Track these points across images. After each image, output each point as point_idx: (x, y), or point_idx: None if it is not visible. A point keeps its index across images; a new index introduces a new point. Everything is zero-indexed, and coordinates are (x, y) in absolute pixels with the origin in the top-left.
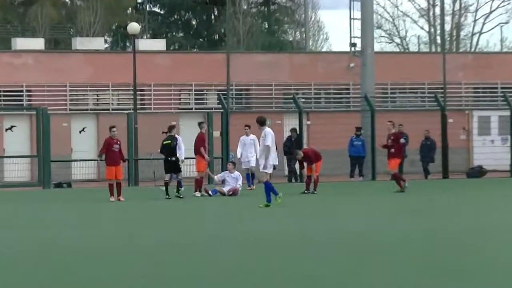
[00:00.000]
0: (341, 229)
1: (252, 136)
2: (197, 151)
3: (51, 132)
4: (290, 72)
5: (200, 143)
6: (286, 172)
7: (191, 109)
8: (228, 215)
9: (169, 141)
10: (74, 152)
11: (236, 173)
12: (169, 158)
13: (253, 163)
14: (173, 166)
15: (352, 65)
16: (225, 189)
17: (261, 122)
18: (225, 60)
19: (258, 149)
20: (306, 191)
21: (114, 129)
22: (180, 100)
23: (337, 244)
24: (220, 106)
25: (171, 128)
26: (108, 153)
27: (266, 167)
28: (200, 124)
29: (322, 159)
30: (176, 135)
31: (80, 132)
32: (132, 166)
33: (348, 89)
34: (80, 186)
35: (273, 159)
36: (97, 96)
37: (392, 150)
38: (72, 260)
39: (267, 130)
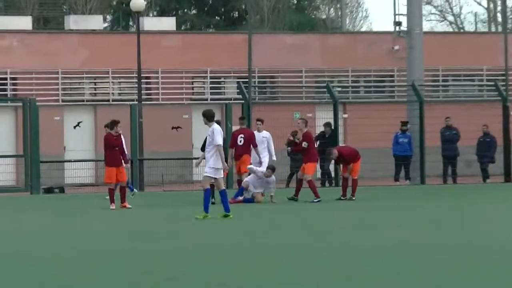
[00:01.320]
0: (386, 244)
1: (265, 134)
2: (245, 150)
3: (40, 128)
4: (323, 56)
5: (252, 141)
6: (319, 175)
7: (206, 100)
8: (258, 225)
9: None
10: (68, 151)
11: (272, 178)
12: None
13: (263, 166)
14: None
15: (396, 47)
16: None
17: (209, 117)
18: (246, 42)
19: (272, 149)
20: (342, 197)
21: (119, 125)
22: (192, 89)
23: (388, 260)
24: (240, 96)
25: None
26: (108, 152)
27: (209, 171)
28: (242, 119)
29: (361, 159)
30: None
31: (74, 127)
32: (136, 167)
33: (392, 76)
34: (75, 191)
35: (264, 163)
36: (95, 84)
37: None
38: (58, 282)
39: (216, 127)
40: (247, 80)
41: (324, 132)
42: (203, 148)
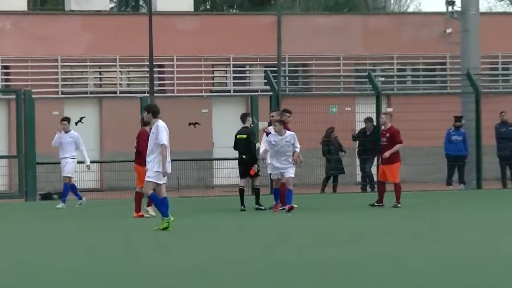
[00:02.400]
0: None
1: (289, 137)
2: None
3: (37, 124)
4: (364, 41)
5: None
6: (359, 178)
7: (229, 91)
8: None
9: (245, 135)
10: None
11: (288, 133)
12: (243, 156)
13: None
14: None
15: (449, 31)
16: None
17: (154, 112)
18: (274, 25)
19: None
20: (377, 203)
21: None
22: (213, 79)
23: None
24: (267, 87)
25: (243, 117)
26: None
27: (153, 175)
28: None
29: (408, 161)
30: (72, 130)
31: (76, 123)
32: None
33: (444, 63)
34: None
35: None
36: (100, 74)
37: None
38: None
39: (160, 124)
40: (275, 69)
41: (365, 128)
42: (235, 147)
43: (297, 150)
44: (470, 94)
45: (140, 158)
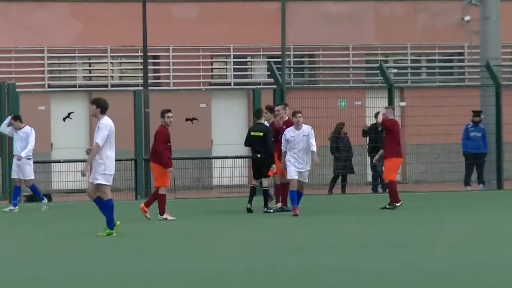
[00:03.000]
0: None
1: (305, 129)
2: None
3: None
4: (376, 29)
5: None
6: (370, 178)
7: (229, 84)
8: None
9: (261, 133)
10: (56, 150)
11: (305, 127)
12: (258, 155)
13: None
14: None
15: (467, 18)
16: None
17: (103, 108)
18: (278, 12)
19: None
20: (389, 206)
21: (169, 114)
22: (212, 71)
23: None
24: (271, 79)
25: (257, 112)
26: (166, 150)
27: (97, 177)
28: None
29: (423, 159)
30: (28, 126)
31: (64, 119)
32: (141, 169)
33: (461, 54)
34: (65, 199)
35: None
36: (89, 66)
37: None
38: None
39: (104, 122)
40: (280, 60)
41: (376, 124)
42: (247, 143)
43: (314, 149)
44: (490, 86)
45: (157, 156)
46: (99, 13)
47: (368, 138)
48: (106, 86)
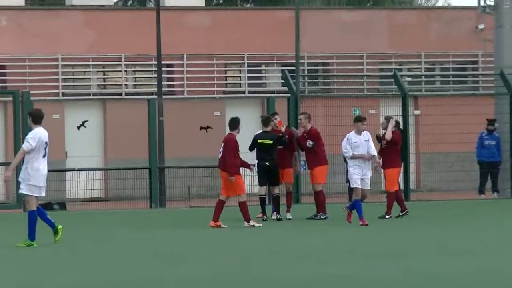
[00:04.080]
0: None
1: (366, 134)
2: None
3: None
4: (390, 38)
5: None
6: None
7: (243, 92)
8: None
9: (271, 141)
10: (70, 158)
11: (366, 132)
12: (267, 163)
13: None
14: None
15: (481, 27)
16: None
17: (36, 118)
18: (292, 21)
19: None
20: (387, 215)
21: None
22: (226, 79)
23: None
24: (285, 88)
25: (267, 120)
26: (234, 158)
27: (22, 187)
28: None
29: (437, 167)
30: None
31: (78, 127)
32: (155, 178)
33: (475, 62)
34: (79, 207)
35: None
36: (104, 74)
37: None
38: None
39: (36, 131)
40: (294, 68)
41: (382, 137)
42: (251, 148)
43: (375, 153)
44: (504, 95)
45: (226, 165)
46: (112, 21)
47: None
48: (120, 94)
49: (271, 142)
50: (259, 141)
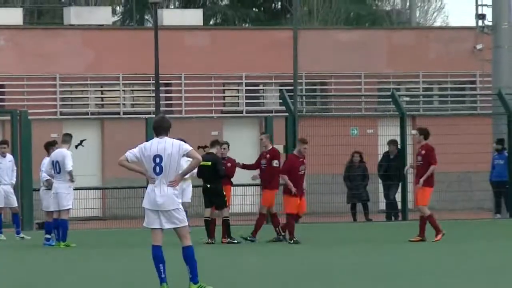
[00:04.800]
0: None
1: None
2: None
3: (34, 147)
4: (388, 57)
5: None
6: (383, 206)
7: (241, 112)
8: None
9: (209, 162)
10: None
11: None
12: (208, 185)
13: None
14: (216, 197)
15: (479, 46)
16: None
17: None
18: (290, 40)
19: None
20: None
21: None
22: (224, 99)
23: None
24: (283, 107)
25: (214, 143)
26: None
27: None
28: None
29: (436, 187)
30: (8, 154)
31: (76, 146)
32: None
33: (473, 82)
34: (77, 226)
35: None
36: (102, 93)
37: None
38: None
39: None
40: (292, 88)
41: (389, 152)
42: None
43: None
44: (502, 115)
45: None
46: (110, 41)
47: (379, 166)
48: (118, 113)
49: (209, 164)
50: (202, 163)
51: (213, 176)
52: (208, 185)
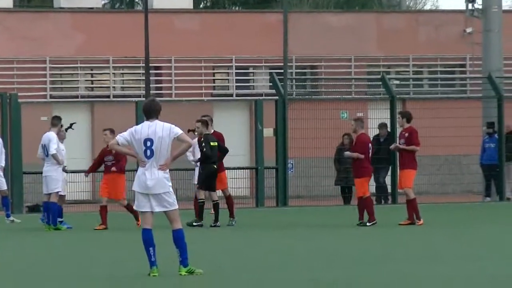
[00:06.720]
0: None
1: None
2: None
3: (23, 130)
4: (378, 41)
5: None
6: (373, 189)
7: (231, 95)
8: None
9: (216, 142)
10: None
11: None
12: (215, 166)
13: None
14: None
15: (469, 30)
16: None
17: None
18: (280, 24)
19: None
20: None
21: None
22: (214, 82)
23: None
24: (273, 91)
25: (204, 123)
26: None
27: None
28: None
29: (423, 169)
30: None
31: (66, 129)
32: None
33: (463, 65)
34: (67, 210)
35: None
36: (92, 76)
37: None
38: None
39: None
40: (282, 71)
41: (379, 135)
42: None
43: None
44: (492, 98)
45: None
46: (100, 24)
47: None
48: (108, 96)
49: (216, 144)
50: (212, 144)
51: (218, 157)
52: (215, 166)
